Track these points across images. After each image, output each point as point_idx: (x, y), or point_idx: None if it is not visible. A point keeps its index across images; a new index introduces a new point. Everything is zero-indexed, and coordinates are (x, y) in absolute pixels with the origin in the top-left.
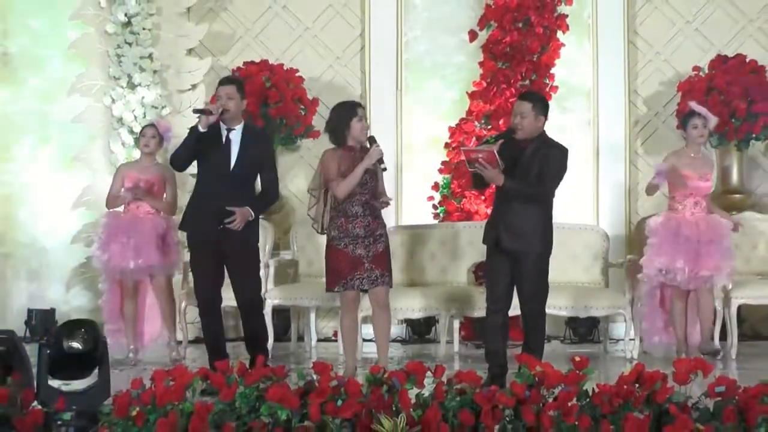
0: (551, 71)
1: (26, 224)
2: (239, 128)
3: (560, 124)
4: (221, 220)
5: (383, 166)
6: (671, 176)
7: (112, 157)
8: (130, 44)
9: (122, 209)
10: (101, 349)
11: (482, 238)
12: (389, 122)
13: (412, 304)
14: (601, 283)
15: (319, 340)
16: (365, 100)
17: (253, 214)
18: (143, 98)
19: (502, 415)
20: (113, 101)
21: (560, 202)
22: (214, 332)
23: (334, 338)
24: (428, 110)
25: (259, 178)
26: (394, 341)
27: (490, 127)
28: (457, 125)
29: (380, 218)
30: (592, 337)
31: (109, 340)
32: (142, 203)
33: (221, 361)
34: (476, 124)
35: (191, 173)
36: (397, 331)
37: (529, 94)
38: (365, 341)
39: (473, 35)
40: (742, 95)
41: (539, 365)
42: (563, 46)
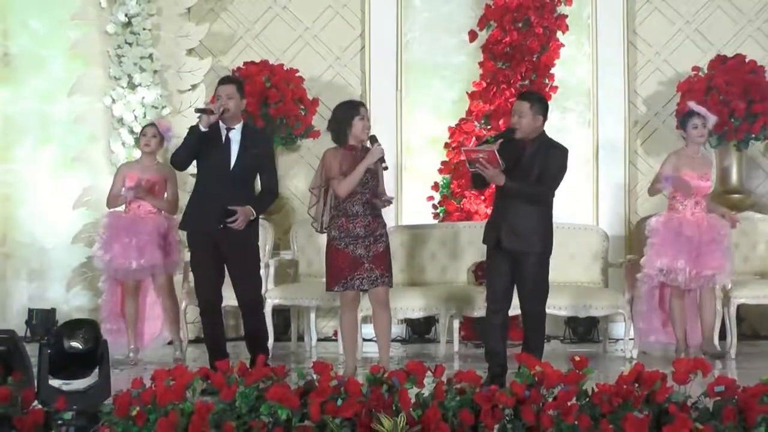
0: (551, 71)
1: (26, 224)
2: (239, 128)
3: (560, 124)
4: (221, 219)
5: (385, 165)
6: (677, 184)
7: (112, 157)
8: (130, 44)
9: (123, 209)
10: (102, 348)
11: (482, 238)
12: (389, 122)
13: (412, 303)
14: (600, 283)
15: (319, 339)
16: (365, 100)
17: (254, 213)
18: (143, 98)
19: (501, 414)
20: (113, 101)
21: (560, 202)
22: (214, 332)
23: (334, 338)
24: (428, 110)
25: (258, 177)
26: (394, 341)
27: (490, 127)
28: (457, 125)
29: (381, 218)
30: (591, 336)
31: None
32: (143, 203)
33: (221, 360)
34: (476, 124)
35: (191, 173)
36: (397, 330)
37: (527, 93)
38: (365, 341)
39: (473, 35)
40: (741, 95)
41: (539, 365)
42: (563, 46)
